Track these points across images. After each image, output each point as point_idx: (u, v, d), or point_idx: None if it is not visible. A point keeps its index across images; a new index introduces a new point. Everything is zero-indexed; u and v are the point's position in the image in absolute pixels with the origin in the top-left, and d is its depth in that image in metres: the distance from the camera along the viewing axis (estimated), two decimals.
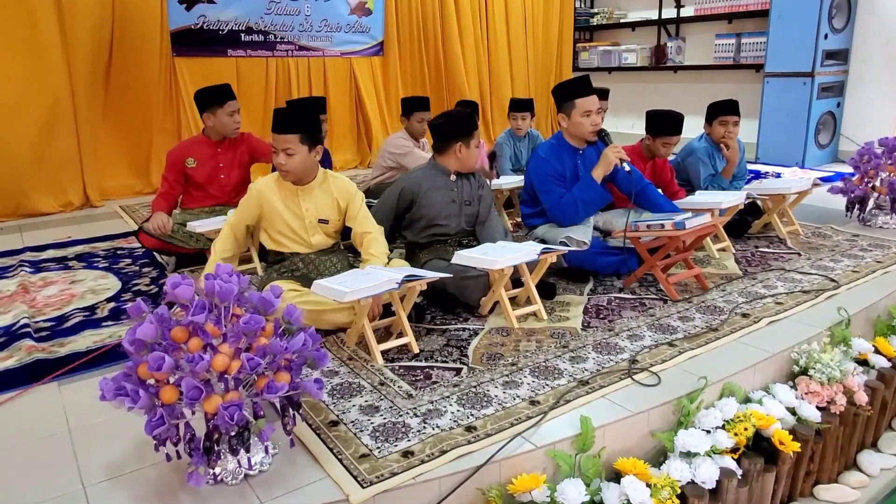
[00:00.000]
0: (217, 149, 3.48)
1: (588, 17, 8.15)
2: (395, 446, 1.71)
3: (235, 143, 3.55)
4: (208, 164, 3.47)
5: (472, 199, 2.90)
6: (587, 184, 2.94)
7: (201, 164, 3.45)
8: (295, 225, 2.56)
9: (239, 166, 3.57)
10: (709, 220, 2.77)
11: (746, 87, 6.38)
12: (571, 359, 2.20)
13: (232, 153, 3.53)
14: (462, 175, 2.88)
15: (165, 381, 1.48)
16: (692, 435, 1.85)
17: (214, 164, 3.48)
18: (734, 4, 6.52)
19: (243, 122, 5.68)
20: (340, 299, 2.05)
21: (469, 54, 7.03)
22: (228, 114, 3.40)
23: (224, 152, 3.51)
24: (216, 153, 3.49)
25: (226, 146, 3.51)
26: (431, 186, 2.81)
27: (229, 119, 3.41)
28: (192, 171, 3.44)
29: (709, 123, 3.65)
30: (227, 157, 3.52)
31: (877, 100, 5.80)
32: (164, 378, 1.47)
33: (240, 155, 3.55)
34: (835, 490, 2.17)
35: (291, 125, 2.42)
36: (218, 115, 3.39)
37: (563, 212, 2.95)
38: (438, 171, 2.85)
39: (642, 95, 7.51)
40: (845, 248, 3.36)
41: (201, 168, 3.46)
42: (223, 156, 3.51)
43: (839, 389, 2.19)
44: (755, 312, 2.54)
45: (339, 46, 6.44)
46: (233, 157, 3.53)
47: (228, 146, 3.52)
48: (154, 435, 1.42)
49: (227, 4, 5.69)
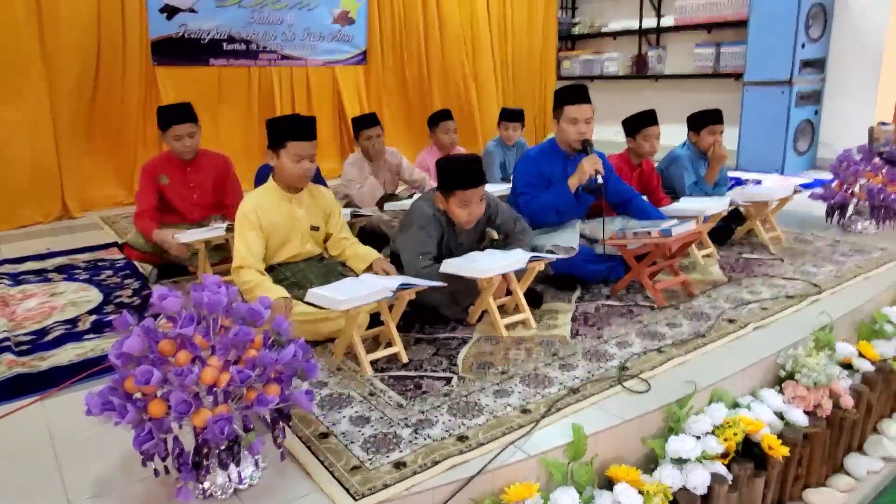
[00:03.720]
0: (186, 168, 3.36)
1: (570, 26, 8.23)
2: (386, 457, 1.69)
3: (208, 163, 3.40)
4: (180, 182, 3.35)
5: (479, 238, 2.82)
6: (559, 191, 2.95)
7: (173, 182, 3.34)
8: (291, 233, 2.55)
9: (213, 187, 3.44)
10: (694, 227, 2.79)
11: (726, 96, 6.46)
12: (561, 367, 2.20)
13: (203, 173, 3.38)
14: None
15: (153, 394, 1.45)
16: (683, 441, 1.85)
17: (185, 183, 3.36)
18: (713, 14, 6.62)
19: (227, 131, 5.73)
20: (336, 307, 2.04)
21: (452, 63, 7.05)
22: (174, 138, 3.24)
23: (195, 172, 3.38)
24: (186, 172, 3.37)
25: (196, 166, 3.38)
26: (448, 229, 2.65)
27: (176, 143, 3.25)
28: (165, 189, 3.33)
29: (695, 132, 3.69)
30: (198, 178, 3.39)
31: (853, 107, 5.91)
32: (151, 392, 1.44)
33: (213, 175, 3.41)
34: (823, 494, 2.18)
35: (315, 132, 2.47)
36: (166, 136, 3.25)
37: (533, 213, 2.96)
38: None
39: (624, 104, 7.54)
40: (827, 254, 3.41)
41: (173, 187, 3.34)
42: (193, 175, 3.38)
43: (825, 393, 2.21)
44: (741, 318, 2.57)
45: (322, 55, 6.43)
46: (204, 177, 3.40)
47: (199, 165, 3.38)
48: (142, 450, 1.40)
49: (208, 13, 5.66)
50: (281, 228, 2.53)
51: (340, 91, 6.52)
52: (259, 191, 2.56)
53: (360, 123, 4.12)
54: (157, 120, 3.27)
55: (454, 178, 2.49)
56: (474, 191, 2.50)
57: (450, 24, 6.98)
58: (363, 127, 4.08)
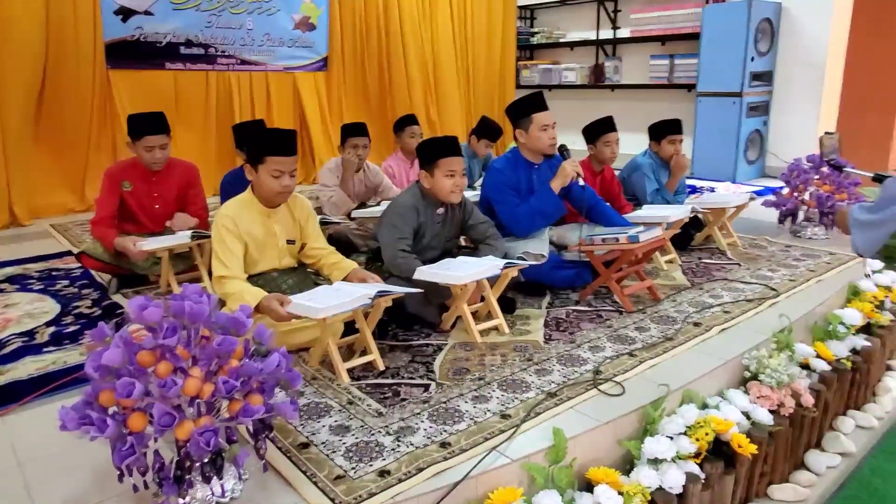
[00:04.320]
0: (152, 178, 3.25)
1: (529, 35, 8.36)
2: (370, 466, 1.69)
3: (175, 172, 3.31)
4: (143, 191, 3.24)
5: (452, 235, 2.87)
6: (544, 194, 2.99)
7: (136, 189, 3.23)
8: (268, 249, 2.50)
9: (177, 197, 3.35)
10: (660, 234, 2.87)
11: (680, 106, 6.68)
12: (537, 371, 2.23)
13: (169, 183, 3.28)
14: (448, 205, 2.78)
15: (131, 407, 1.41)
16: (658, 442, 1.90)
17: (148, 192, 3.25)
18: (667, 27, 6.83)
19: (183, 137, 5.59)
20: (314, 316, 2.02)
21: (414, 70, 7.07)
22: (145, 148, 3.13)
23: (160, 182, 3.27)
24: (151, 182, 3.25)
25: (162, 175, 3.27)
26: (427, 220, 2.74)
27: (146, 154, 3.14)
28: (127, 196, 3.21)
29: (656, 142, 3.80)
30: (162, 188, 3.28)
31: (798, 118, 6.19)
32: (130, 405, 1.40)
33: (178, 185, 3.32)
34: (787, 489, 2.27)
35: (295, 147, 2.42)
36: (136, 146, 3.15)
37: (518, 221, 3.00)
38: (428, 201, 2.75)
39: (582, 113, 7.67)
40: (780, 259, 3.56)
41: (135, 195, 3.23)
42: (158, 186, 3.27)
43: (788, 393, 2.30)
44: (706, 321, 2.65)
45: (282, 61, 6.36)
46: (169, 188, 3.30)
47: (165, 175, 3.27)
48: (124, 465, 1.35)
49: (165, 16, 5.54)
50: (258, 243, 2.47)
51: (301, 97, 6.47)
52: (237, 202, 2.49)
53: (347, 131, 4.03)
54: (128, 127, 3.16)
55: (439, 148, 2.67)
56: (457, 158, 2.68)
57: (411, 31, 7.01)
58: (350, 135, 4.00)
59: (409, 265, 2.55)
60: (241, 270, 2.37)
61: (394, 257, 2.60)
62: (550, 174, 3.08)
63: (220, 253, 2.35)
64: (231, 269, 2.31)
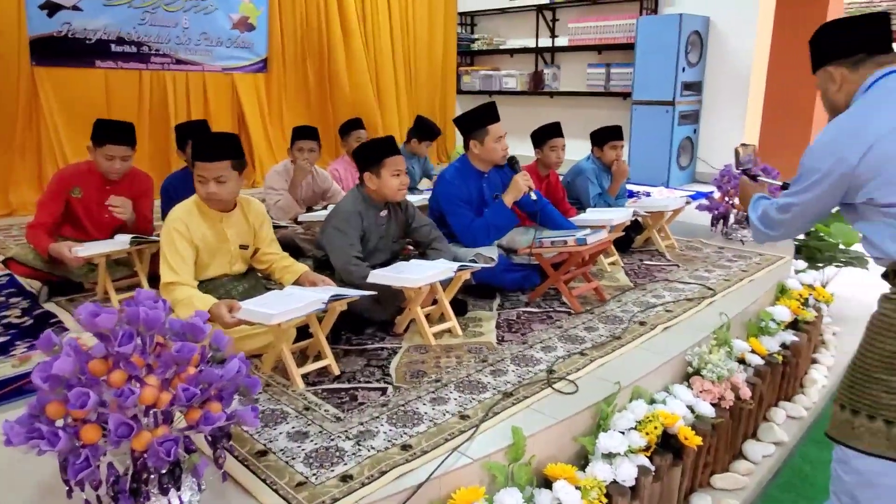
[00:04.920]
0: (106, 186, 3.10)
1: (469, 42, 8.46)
2: (332, 471, 1.67)
3: (130, 182, 3.16)
4: (94, 199, 3.08)
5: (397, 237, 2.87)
6: (499, 209, 3.04)
7: (87, 196, 3.07)
8: (219, 254, 2.43)
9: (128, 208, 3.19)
10: (606, 236, 2.97)
11: (617, 113, 6.91)
12: (492, 372, 2.26)
13: (122, 192, 3.12)
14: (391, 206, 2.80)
15: (82, 419, 1.35)
16: (611, 437, 1.96)
17: (99, 201, 3.08)
18: (603, 37, 7.06)
19: None
20: (268, 322, 1.98)
21: (355, 74, 7.04)
22: (106, 157, 2.99)
23: (114, 191, 3.10)
24: (104, 190, 3.09)
25: (117, 184, 3.11)
26: (371, 224, 2.73)
27: (106, 163, 3.00)
28: (75, 203, 3.06)
29: (599, 147, 3.92)
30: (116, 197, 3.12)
31: (726, 126, 6.51)
32: (83, 416, 1.34)
33: (131, 195, 3.16)
34: (728, 478, 2.38)
35: (223, 152, 2.30)
36: (96, 153, 3.01)
37: (474, 235, 3.03)
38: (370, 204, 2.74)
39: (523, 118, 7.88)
40: (715, 260, 3.73)
41: (85, 203, 3.07)
42: (111, 194, 3.09)
43: (727, 386, 2.42)
44: (650, 320, 2.76)
45: (221, 61, 6.21)
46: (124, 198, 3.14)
47: (120, 185, 3.12)
48: (77, 479, 1.29)
49: (95, 12, 5.31)
50: (209, 248, 2.40)
51: (240, 99, 6.32)
52: (187, 205, 2.40)
53: (296, 133, 3.96)
54: (93, 131, 2.99)
55: (383, 149, 2.67)
56: (401, 157, 2.71)
57: (353, 34, 6.98)
58: (297, 138, 3.93)
59: (361, 273, 2.53)
60: (191, 276, 2.30)
61: (346, 264, 2.57)
62: (499, 182, 3.14)
63: (170, 258, 2.26)
64: (181, 275, 2.24)
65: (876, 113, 1.58)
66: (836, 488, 1.73)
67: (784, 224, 1.83)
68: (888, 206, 1.55)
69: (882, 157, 1.53)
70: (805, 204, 1.72)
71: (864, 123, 1.58)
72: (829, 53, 1.73)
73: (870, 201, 1.57)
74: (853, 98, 1.69)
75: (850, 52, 1.69)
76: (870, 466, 1.60)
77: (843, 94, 1.72)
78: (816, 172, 1.65)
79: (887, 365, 1.57)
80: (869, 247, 1.66)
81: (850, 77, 1.69)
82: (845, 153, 1.58)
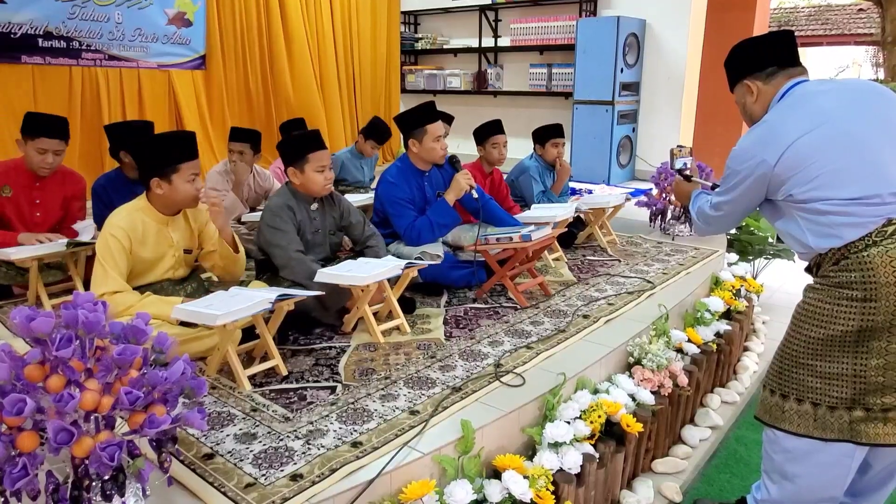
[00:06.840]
0: (36, 182, 2.99)
1: (413, 41, 8.47)
2: (281, 471, 1.66)
3: (61, 181, 3.06)
4: (24, 197, 2.96)
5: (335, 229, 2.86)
6: (441, 208, 3.07)
7: (16, 196, 2.95)
8: (164, 259, 2.37)
9: (60, 206, 3.10)
10: (549, 232, 3.04)
11: (559, 112, 7.05)
12: (441, 368, 2.29)
13: (53, 191, 3.03)
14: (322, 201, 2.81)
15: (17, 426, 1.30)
16: (557, 427, 2.02)
17: (30, 199, 2.97)
18: (545, 38, 7.20)
19: None
20: (212, 323, 1.94)
21: (298, 72, 6.94)
22: (38, 150, 2.90)
23: (44, 188, 3.00)
24: (34, 188, 2.98)
25: (46, 182, 3.01)
26: (303, 217, 2.72)
27: (37, 157, 2.90)
28: (4, 202, 2.93)
29: (541, 145, 4.00)
30: (45, 195, 3.03)
31: (662, 126, 6.75)
32: (18, 424, 1.29)
33: (63, 194, 3.07)
34: (668, 462, 2.49)
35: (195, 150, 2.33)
36: (27, 147, 2.90)
37: (418, 234, 3.05)
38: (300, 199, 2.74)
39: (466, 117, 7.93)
40: (654, 254, 3.87)
41: (14, 201, 2.95)
42: (42, 192, 3.00)
43: (666, 375, 2.52)
44: (593, 313, 2.84)
45: (156, 58, 6.01)
46: (53, 196, 3.05)
47: (50, 182, 3.02)
48: (15, 489, 1.24)
49: (19, 5, 5.06)
50: (153, 253, 2.34)
51: (177, 97, 6.14)
52: (129, 209, 2.32)
53: (229, 135, 3.90)
54: (24, 124, 2.87)
55: (307, 144, 2.65)
56: (325, 152, 2.69)
57: (295, 31, 6.88)
58: (229, 139, 3.86)
59: (304, 267, 2.53)
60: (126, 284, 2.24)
61: (288, 259, 2.56)
62: (441, 180, 3.17)
63: (110, 267, 2.20)
64: (122, 283, 2.20)
65: (790, 118, 1.72)
66: (767, 467, 1.84)
67: (718, 220, 2.01)
68: (805, 201, 1.66)
69: (797, 158, 1.66)
70: (733, 202, 1.88)
71: (779, 128, 1.71)
72: (744, 69, 1.89)
73: (789, 198, 1.70)
74: (768, 107, 1.83)
75: (764, 66, 1.84)
76: (798, 446, 1.71)
77: (760, 104, 1.87)
78: (740, 174, 1.80)
79: (812, 350, 1.68)
80: (793, 242, 1.78)
81: (764, 89, 1.85)
82: (764, 155, 1.71)
